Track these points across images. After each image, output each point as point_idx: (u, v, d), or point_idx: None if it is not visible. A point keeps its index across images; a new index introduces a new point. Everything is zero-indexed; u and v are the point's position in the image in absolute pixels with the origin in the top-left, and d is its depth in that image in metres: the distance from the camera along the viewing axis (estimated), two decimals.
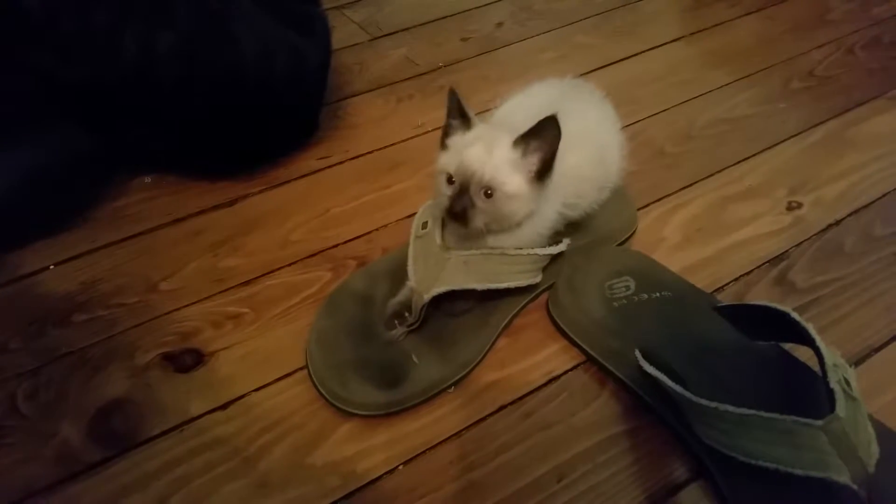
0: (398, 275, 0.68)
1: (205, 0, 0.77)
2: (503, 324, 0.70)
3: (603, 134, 0.71)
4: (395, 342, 0.66)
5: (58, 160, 0.80)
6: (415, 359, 0.65)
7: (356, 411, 0.63)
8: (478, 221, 0.60)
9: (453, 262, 0.64)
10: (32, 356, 0.68)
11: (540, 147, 0.59)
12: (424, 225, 0.68)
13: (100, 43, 0.73)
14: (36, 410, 0.64)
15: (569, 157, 0.63)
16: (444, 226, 0.67)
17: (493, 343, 0.69)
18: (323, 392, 0.64)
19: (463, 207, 0.59)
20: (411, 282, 0.65)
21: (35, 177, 0.79)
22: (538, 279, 0.69)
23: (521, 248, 0.65)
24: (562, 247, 0.69)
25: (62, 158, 0.81)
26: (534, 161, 0.60)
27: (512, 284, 0.66)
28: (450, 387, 0.65)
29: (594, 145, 0.69)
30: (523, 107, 0.69)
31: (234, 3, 0.80)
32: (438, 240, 0.66)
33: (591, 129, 0.69)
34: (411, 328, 0.66)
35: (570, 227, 0.72)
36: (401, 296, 0.67)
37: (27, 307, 0.73)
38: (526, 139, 0.59)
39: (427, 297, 0.63)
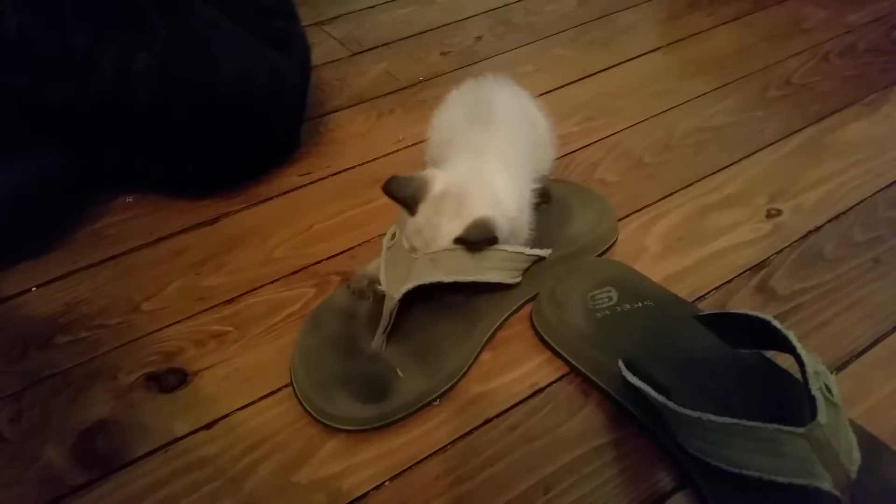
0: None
1: (183, 20, 0.77)
2: (487, 336, 0.70)
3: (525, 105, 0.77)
4: (379, 356, 0.66)
5: (38, 182, 0.80)
6: (399, 372, 0.64)
7: (341, 426, 0.62)
8: None
9: (421, 261, 0.64)
10: (15, 379, 0.68)
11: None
12: (393, 235, 0.68)
13: (77, 65, 0.72)
14: (19, 434, 0.64)
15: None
16: None
17: (478, 356, 0.69)
18: (308, 408, 0.64)
19: None
20: (383, 287, 0.65)
21: (15, 199, 0.78)
22: (514, 280, 0.69)
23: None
24: (542, 252, 0.70)
25: (42, 180, 0.80)
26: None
27: (481, 279, 0.65)
28: (435, 399, 0.65)
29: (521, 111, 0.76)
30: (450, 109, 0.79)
31: (213, 22, 0.80)
32: (406, 244, 0.65)
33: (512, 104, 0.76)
34: (385, 332, 0.66)
35: (550, 239, 0.73)
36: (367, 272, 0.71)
37: (10, 330, 0.73)
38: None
39: (397, 296, 0.63)
